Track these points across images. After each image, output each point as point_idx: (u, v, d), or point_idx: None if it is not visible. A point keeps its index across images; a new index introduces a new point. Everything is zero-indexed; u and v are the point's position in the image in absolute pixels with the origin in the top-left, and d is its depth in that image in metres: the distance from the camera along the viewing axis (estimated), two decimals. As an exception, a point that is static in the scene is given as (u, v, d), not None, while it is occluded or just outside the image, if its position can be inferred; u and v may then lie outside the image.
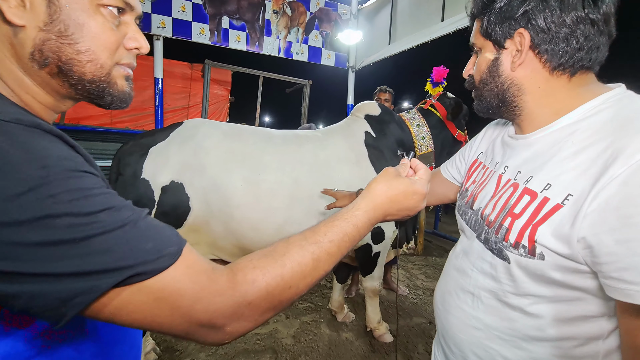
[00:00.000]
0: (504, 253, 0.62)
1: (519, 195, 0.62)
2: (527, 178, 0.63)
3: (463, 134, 2.17)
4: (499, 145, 0.79)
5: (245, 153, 1.63)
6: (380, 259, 2.01)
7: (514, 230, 0.60)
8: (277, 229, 1.61)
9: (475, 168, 0.85)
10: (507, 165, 0.70)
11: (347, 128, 1.99)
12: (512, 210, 0.62)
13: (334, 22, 5.12)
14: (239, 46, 4.56)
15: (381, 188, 0.59)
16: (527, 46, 0.62)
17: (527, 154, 0.66)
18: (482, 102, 0.73)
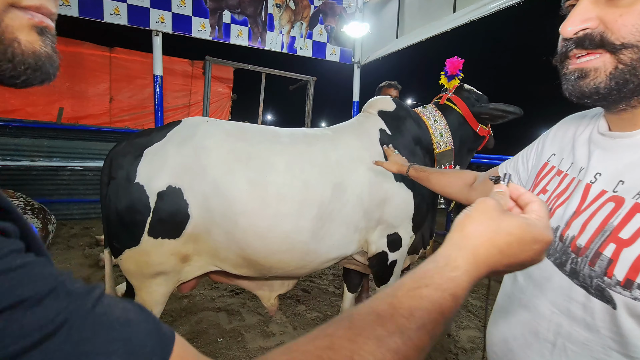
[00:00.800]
0: (606, 293, 0.47)
1: (627, 214, 0.47)
2: (638, 191, 0.48)
3: (485, 127, 2.00)
4: (582, 145, 0.62)
5: (250, 153, 1.47)
6: (397, 268, 1.86)
7: (623, 263, 0.45)
8: (284, 237, 1.46)
9: (546, 173, 0.68)
10: (600, 172, 0.54)
11: (359, 126, 1.83)
12: (617, 235, 0.47)
13: (338, 15, 4.95)
14: (241, 42, 4.41)
15: (484, 232, 0.40)
16: None
17: (632, 157, 0.51)
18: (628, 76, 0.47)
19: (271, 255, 1.48)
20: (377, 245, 1.75)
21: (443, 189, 1.07)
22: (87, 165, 4.30)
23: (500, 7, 3.01)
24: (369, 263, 1.84)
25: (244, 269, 1.54)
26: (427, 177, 1.12)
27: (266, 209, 1.42)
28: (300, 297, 2.58)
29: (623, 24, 0.46)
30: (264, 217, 1.42)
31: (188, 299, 2.46)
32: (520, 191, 0.45)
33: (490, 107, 1.90)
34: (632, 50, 0.46)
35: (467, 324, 2.32)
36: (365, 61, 5.05)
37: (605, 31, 0.47)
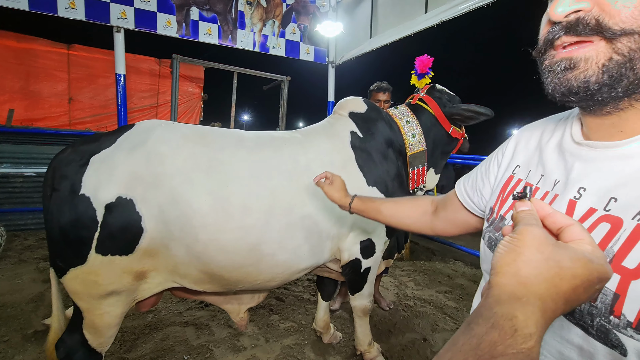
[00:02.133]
0: (612, 336, 0.39)
1: (629, 238, 0.40)
2: (638, 210, 0.40)
3: (459, 130, 1.98)
4: (552, 154, 0.56)
5: (211, 160, 1.36)
6: (371, 275, 1.80)
7: (633, 299, 0.38)
8: (251, 249, 1.36)
9: (513, 187, 0.61)
10: (584, 187, 0.47)
11: (330, 128, 1.75)
12: (620, 263, 0.40)
13: (311, 14, 4.88)
14: (210, 40, 4.24)
15: (546, 277, 0.31)
16: None
17: (623, 170, 0.44)
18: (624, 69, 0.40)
19: (237, 269, 1.37)
20: (350, 253, 1.68)
21: (399, 221, 0.94)
22: (42, 171, 3.98)
23: (470, 7, 3.04)
24: (342, 271, 1.77)
25: (207, 285, 1.42)
26: (377, 208, 0.96)
27: (229, 221, 1.31)
28: (273, 306, 2.48)
29: (622, 5, 0.39)
30: (227, 230, 1.31)
31: (153, 314, 2.30)
32: (547, 210, 0.37)
33: (461, 108, 1.88)
34: (631, 38, 0.39)
35: (442, 326, 2.30)
36: (340, 61, 5.01)
37: (601, 14, 0.40)
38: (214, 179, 1.32)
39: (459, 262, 3.65)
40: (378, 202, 0.99)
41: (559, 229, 0.36)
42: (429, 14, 3.51)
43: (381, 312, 2.48)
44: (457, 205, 0.80)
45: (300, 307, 2.50)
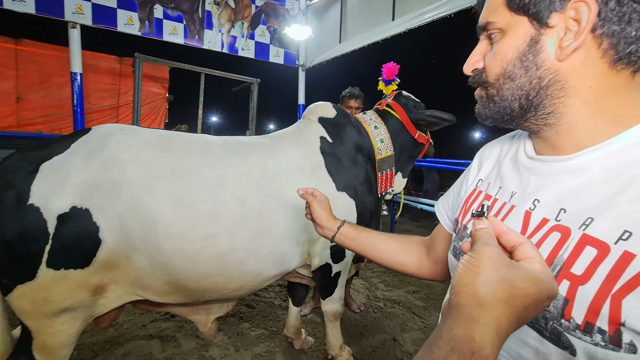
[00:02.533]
0: (564, 338, 0.42)
1: (576, 246, 0.43)
2: (583, 220, 0.44)
3: (424, 135, 2.05)
4: (508, 167, 0.60)
5: (175, 167, 1.30)
6: (341, 279, 1.81)
7: (580, 303, 0.41)
8: (219, 258, 1.32)
9: (474, 199, 0.65)
10: (538, 199, 0.51)
11: (299, 133, 1.75)
12: (569, 270, 0.43)
13: (281, 17, 4.86)
14: (176, 39, 4.09)
15: (501, 298, 0.34)
16: (591, 23, 0.43)
17: (571, 183, 0.48)
18: (496, 105, 0.53)
19: (204, 279, 1.33)
20: (320, 258, 1.68)
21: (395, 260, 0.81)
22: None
23: (434, 17, 3.16)
24: (313, 276, 1.77)
25: (172, 296, 1.36)
26: (373, 241, 0.82)
27: (196, 230, 1.27)
28: (243, 314, 2.43)
29: (488, 65, 0.53)
30: (193, 239, 1.27)
31: (114, 328, 2.17)
32: (502, 228, 0.40)
33: (426, 114, 1.95)
34: (492, 87, 0.53)
35: (411, 326, 2.37)
36: (310, 64, 5.02)
37: (482, 71, 0.55)
38: (179, 186, 1.27)
39: (427, 262, 3.77)
40: (373, 233, 0.84)
41: (513, 246, 0.39)
42: (396, 22, 3.62)
43: (352, 314, 2.51)
44: (443, 235, 0.76)
45: (271, 313, 2.47)
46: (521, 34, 0.49)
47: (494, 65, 0.52)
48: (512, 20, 0.49)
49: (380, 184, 1.94)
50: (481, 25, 0.54)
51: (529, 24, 0.48)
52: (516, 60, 0.49)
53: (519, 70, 0.49)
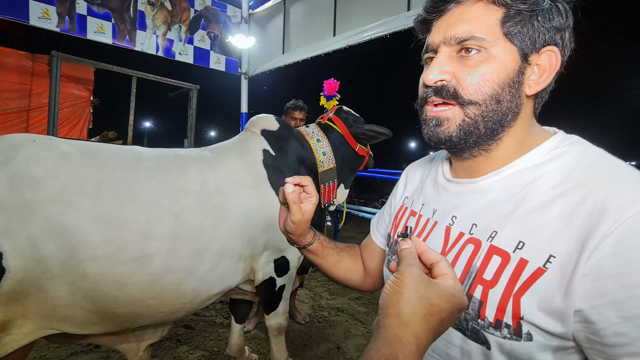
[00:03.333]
0: (481, 335, 0.49)
1: (485, 255, 0.50)
2: (490, 233, 0.51)
3: (364, 148, 2.16)
4: (430, 187, 0.67)
5: (100, 183, 1.18)
6: (286, 293, 1.80)
7: (491, 304, 0.48)
8: (153, 281, 1.22)
9: (402, 215, 0.71)
10: (455, 215, 0.58)
11: (241, 146, 1.72)
12: (482, 276, 0.50)
13: (222, 23, 4.75)
14: (103, 38, 3.75)
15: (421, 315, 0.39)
16: (557, 69, 0.51)
17: (479, 202, 0.55)
18: (472, 126, 0.53)
19: (135, 304, 1.22)
20: (264, 272, 1.66)
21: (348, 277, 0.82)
22: None
23: (372, 36, 3.37)
24: (257, 291, 1.73)
25: (97, 326, 1.23)
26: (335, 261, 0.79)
27: (126, 252, 1.16)
28: (181, 336, 2.27)
29: (470, 82, 0.51)
30: (123, 262, 1.16)
31: (21, 367, 1.86)
32: (422, 248, 0.45)
33: (365, 128, 2.05)
34: (476, 107, 0.52)
35: (354, 332, 2.44)
36: (253, 73, 4.97)
37: (457, 86, 0.52)
38: (105, 204, 1.16)
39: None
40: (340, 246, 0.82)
41: (432, 264, 0.45)
42: (337, 37, 3.77)
43: (297, 326, 2.50)
44: (373, 248, 0.80)
45: (212, 332, 2.34)
46: (512, 60, 0.50)
47: (484, 84, 0.51)
48: (503, 45, 0.50)
49: (324, 195, 1.98)
50: (459, 37, 0.51)
51: (517, 55, 0.51)
52: (506, 85, 0.51)
53: (506, 96, 0.51)
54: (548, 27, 0.49)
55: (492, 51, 0.50)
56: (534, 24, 0.49)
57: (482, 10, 0.50)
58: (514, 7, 0.49)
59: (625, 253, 0.39)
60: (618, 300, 0.39)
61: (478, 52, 0.50)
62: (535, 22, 0.49)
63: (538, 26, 0.49)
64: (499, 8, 0.50)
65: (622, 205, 0.41)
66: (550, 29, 0.50)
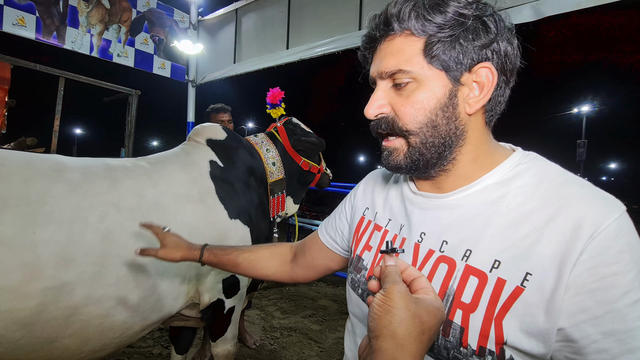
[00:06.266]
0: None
1: (462, 276, 0.49)
2: (464, 252, 0.50)
3: (312, 163, 2.08)
4: (396, 200, 0.64)
5: (5, 199, 0.97)
6: (235, 315, 1.66)
7: (473, 330, 0.45)
8: (71, 315, 1.02)
9: (365, 228, 0.68)
10: (424, 232, 0.56)
11: (185, 156, 1.57)
12: (460, 299, 0.48)
13: (168, 28, 4.49)
14: (24, 32, 3.31)
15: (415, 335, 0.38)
16: (494, 84, 0.50)
17: (449, 218, 0.54)
18: (418, 154, 0.54)
19: (46, 345, 1.01)
20: (211, 294, 1.51)
21: (258, 272, 0.86)
22: None
23: (325, 52, 3.41)
24: (203, 315, 1.57)
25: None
26: (234, 261, 0.86)
27: (34, 281, 0.96)
28: (111, 372, 1.98)
29: (404, 113, 0.53)
30: (31, 294, 0.95)
31: None
32: (404, 265, 0.46)
33: (301, 140, 2.00)
34: (415, 135, 0.53)
35: (308, 353, 2.34)
36: (201, 81, 4.74)
37: (395, 117, 0.54)
38: (9, 223, 0.95)
39: (321, 283, 3.86)
40: (234, 253, 0.87)
41: (412, 280, 0.44)
42: (290, 50, 3.76)
43: (247, 350, 2.33)
44: (320, 249, 0.81)
45: (149, 365, 2.08)
46: (440, 86, 0.51)
47: (416, 113, 0.52)
48: (430, 73, 0.51)
49: (273, 207, 1.89)
50: (388, 72, 0.53)
51: (447, 79, 0.51)
52: (439, 110, 0.51)
53: (441, 120, 0.52)
54: (474, 46, 0.50)
55: (421, 80, 0.51)
56: (456, 47, 0.49)
57: (405, 42, 0.51)
58: (433, 36, 0.50)
59: (599, 269, 0.40)
60: (597, 316, 0.40)
61: (409, 83, 0.52)
62: (457, 45, 0.49)
63: (461, 48, 0.50)
64: (419, 38, 0.50)
65: (594, 222, 0.42)
66: (477, 47, 0.50)
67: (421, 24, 0.49)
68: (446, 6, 0.49)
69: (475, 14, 0.49)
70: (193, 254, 0.87)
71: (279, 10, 3.92)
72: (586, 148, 19.50)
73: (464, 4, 0.49)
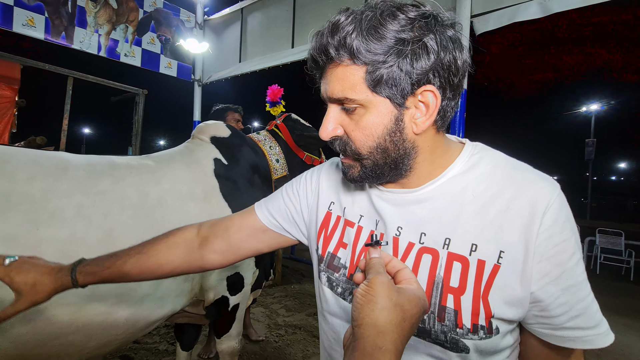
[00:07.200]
0: (460, 343, 0.50)
1: (446, 263, 0.52)
2: (444, 241, 0.53)
3: (315, 157, 2.09)
4: (363, 198, 0.64)
5: (10, 195, 0.99)
6: (240, 313, 1.66)
7: (466, 310, 0.50)
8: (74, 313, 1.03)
9: (335, 225, 0.66)
10: (400, 226, 0.58)
11: (189, 154, 1.57)
12: (449, 285, 0.51)
13: (175, 27, 4.53)
14: (33, 33, 3.37)
15: (396, 322, 0.40)
16: (438, 105, 0.52)
17: (423, 211, 0.57)
18: (371, 171, 0.57)
19: (50, 342, 1.02)
20: (215, 291, 1.51)
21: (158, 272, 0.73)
22: None
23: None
24: (207, 313, 1.58)
25: (0, 371, 1.00)
26: (119, 270, 0.70)
27: (38, 277, 0.97)
28: (117, 368, 2.00)
29: (355, 138, 0.55)
30: (34, 289, 0.97)
31: None
32: (389, 257, 0.47)
33: (303, 135, 1.99)
34: (367, 159, 0.56)
35: (312, 350, 2.33)
36: (207, 80, 4.77)
37: (347, 140, 0.56)
38: (14, 221, 0.97)
39: (326, 281, 3.85)
40: (118, 263, 0.71)
41: (396, 272, 0.46)
42: (295, 49, 3.75)
43: (252, 347, 2.34)
44: (254, 232, 0.74)
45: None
46: (386, 112, 0.52)
47: (366, 139, 0.54)
48: (375, 100, 0.52)
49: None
50: (335, 98, 0.54)
51: (391, 105, 0.52)
52: (386, 135, 0.53)
53: (390, 145, 0.54)
54: (415, 70, 0.49)
55: (368, 106, 0.52)
56: (396, 75, 0.49)
57: (347, 71, 0.51)
58: (372, 65, 0.49)
59: (553, 238, 0.48)
60: (556, 277, 0.48)
61: (357, 108, 0.53)
62: (398, 72, 0.49)
63: (402, 74, 0.49)
64: (360, 67, 0.50)
65: (543, 200, 0.49)
66: (417, 72, 0.49)
67: (360, 54, 0.49)
68: (385, 30, 0.48)
69: (415, 37, 0.48)
70: (61, 282, 0.68)
71: (284, 9, 3.92)
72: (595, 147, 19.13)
73: (403, 26, 0.48)
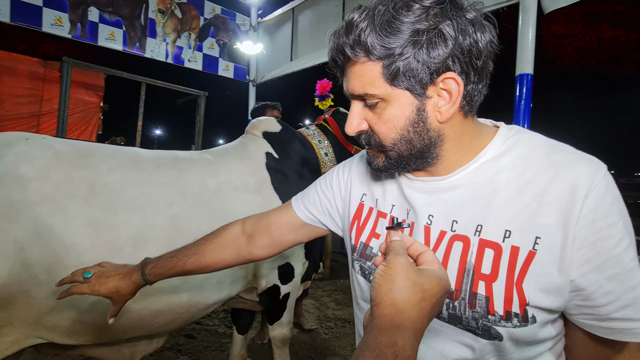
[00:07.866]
0: (493, 331, 0.49)
1: (477, 250, 0.51)
2: (476, 228, 0.52)
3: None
4: (393, 188, 0.65)
5: (93, 185, 1.13)
6: (290, 301, 1.71)
7: (498, 297, 0.49)
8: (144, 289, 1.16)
9: (367, 216, 0.68)
10: (432, 214, 0.57)
11: (243, 148, 1.66)
12: (480, 272, 0.50)
13: (231, 31, 4.78)
14: (114, 45, 3.80)
15: (415, 302, 0.39)
16: (462, 91, 0.50)
17: (454, 198, 0.56)
18: (396, 161, 0.57)
19: (124, 315, 1.15)
20: (267, 280, 1.58)
21: (214, 267, 0.81)
22: None
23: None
24: (260, 299, 1.65)
25: (85, 337, 1.16)
26: (182, 267, 0.80)
27: (115, 257, 1.10)
28: (182, 345, 2.19)
29: (378, 131, 0.55)
30: (113, 267, 1.10)
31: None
32: (410, 240, 0.47)
33: None
34: (391, 151, 0.56)
35: None
36: (261, 80, 4.97)
37: (372, 134, 0.57)
38: (97, 207, 1.10)
39: (377, 278, 3.80)
40: (179, 264, 0.80)
41: (418, 254, 0.46)
42: (344, 43, 3.73)
43: (302, 337, 2.40)
44: (294, 227, 0.79)
45: (214, 343, 2.26)
46: (407, 104, 0.52)
47: (389, 132, 0.55)
48: (395, 93, 0.51)
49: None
50: (357, 94, 0.55)
51: (412, 96, 0.51)
52: (409, 127, 0.53)
53: (414, 135, 0.54)
54: (431, 60, 0.48)
55: (388, 99, 0.52)
56: (414, 66, 0.49)
57: (365, 67, 0.52)
58: (389, 59, 0.49)
59: (597, 223, 0.45)
60: (600, 264, 0.45)
61: (378, 102, 0.53)
62: (415, 63, 0.48)
63: (420, 65, 0.48)
64: (376, 62, 0.50)
65: (585, 182, 0.46)
66: (435, 60, 0.48)
67: (375, 49, 0.49)
68: (400, 23, 0.47)
69: (431, 26, 0.47)
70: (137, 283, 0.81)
71: (334, 4, 3.91)
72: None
73: (419, 16, 0.47)
